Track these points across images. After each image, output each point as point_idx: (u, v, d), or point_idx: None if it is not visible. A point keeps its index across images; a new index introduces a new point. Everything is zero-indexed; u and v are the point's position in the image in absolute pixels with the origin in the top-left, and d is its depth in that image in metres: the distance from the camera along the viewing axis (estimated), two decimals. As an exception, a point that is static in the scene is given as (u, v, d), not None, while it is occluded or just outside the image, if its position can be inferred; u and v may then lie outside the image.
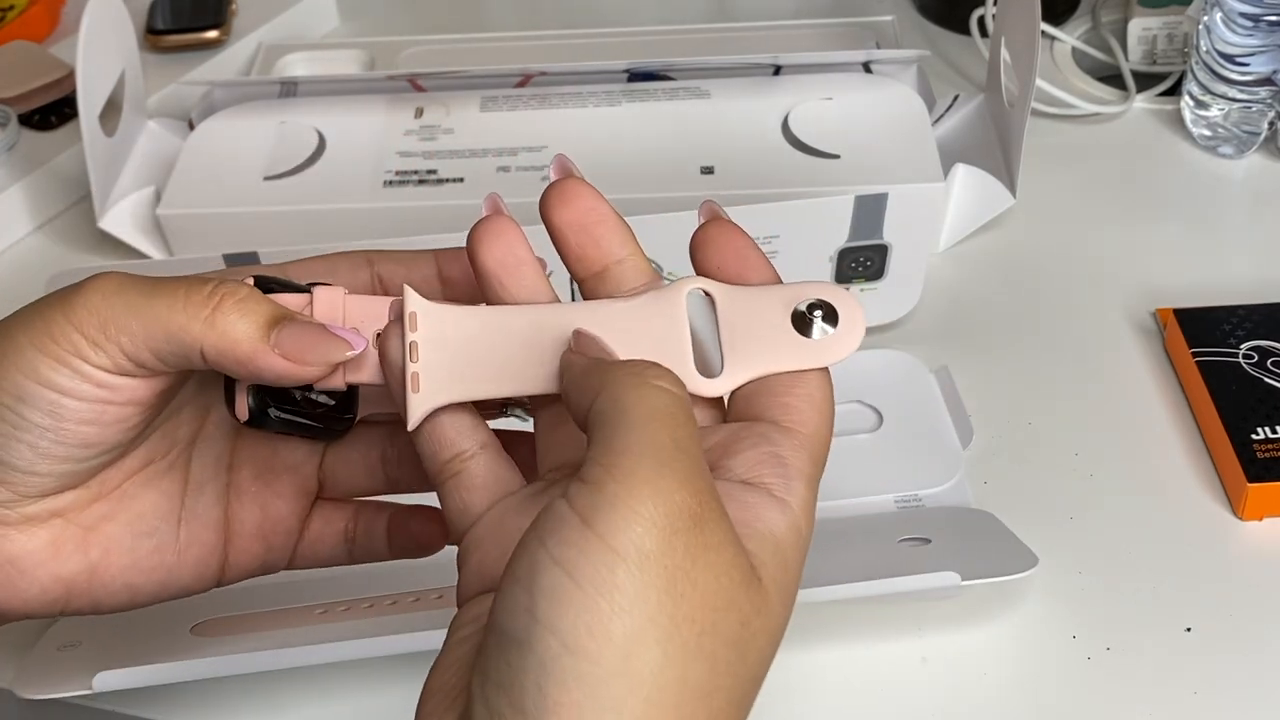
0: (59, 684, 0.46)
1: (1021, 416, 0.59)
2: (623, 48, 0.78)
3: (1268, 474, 0.53)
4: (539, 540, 0.29)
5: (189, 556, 0.40)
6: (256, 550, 0.41)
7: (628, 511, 0.28)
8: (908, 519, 0.53)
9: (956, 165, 0.65)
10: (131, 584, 0.40)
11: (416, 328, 0.35)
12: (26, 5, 0.83)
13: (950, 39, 0.81)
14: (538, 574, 0.28)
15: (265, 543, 0.41)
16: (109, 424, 0.37)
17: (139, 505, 0.40)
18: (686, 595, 0.29)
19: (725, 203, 0.58)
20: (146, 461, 0.40)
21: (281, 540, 0.42)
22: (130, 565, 0.40)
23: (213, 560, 0.41)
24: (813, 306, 0.34)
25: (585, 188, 0.37)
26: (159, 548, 0.40)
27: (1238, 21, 0.67)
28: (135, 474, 0.40)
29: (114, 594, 0.40)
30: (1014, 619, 0.51)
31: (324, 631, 0.48)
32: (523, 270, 0.37)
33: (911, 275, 0.60)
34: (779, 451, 0.33)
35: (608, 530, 0.28)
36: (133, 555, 0.40)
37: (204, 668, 0.45)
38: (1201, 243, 0.67)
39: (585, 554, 0.28)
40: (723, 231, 0.37)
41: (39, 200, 0.72)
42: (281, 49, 0.80)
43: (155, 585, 0.40)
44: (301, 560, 0.42)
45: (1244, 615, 0.51)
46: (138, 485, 0.40)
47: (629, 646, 0.28)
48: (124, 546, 0.39)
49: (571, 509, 0.29)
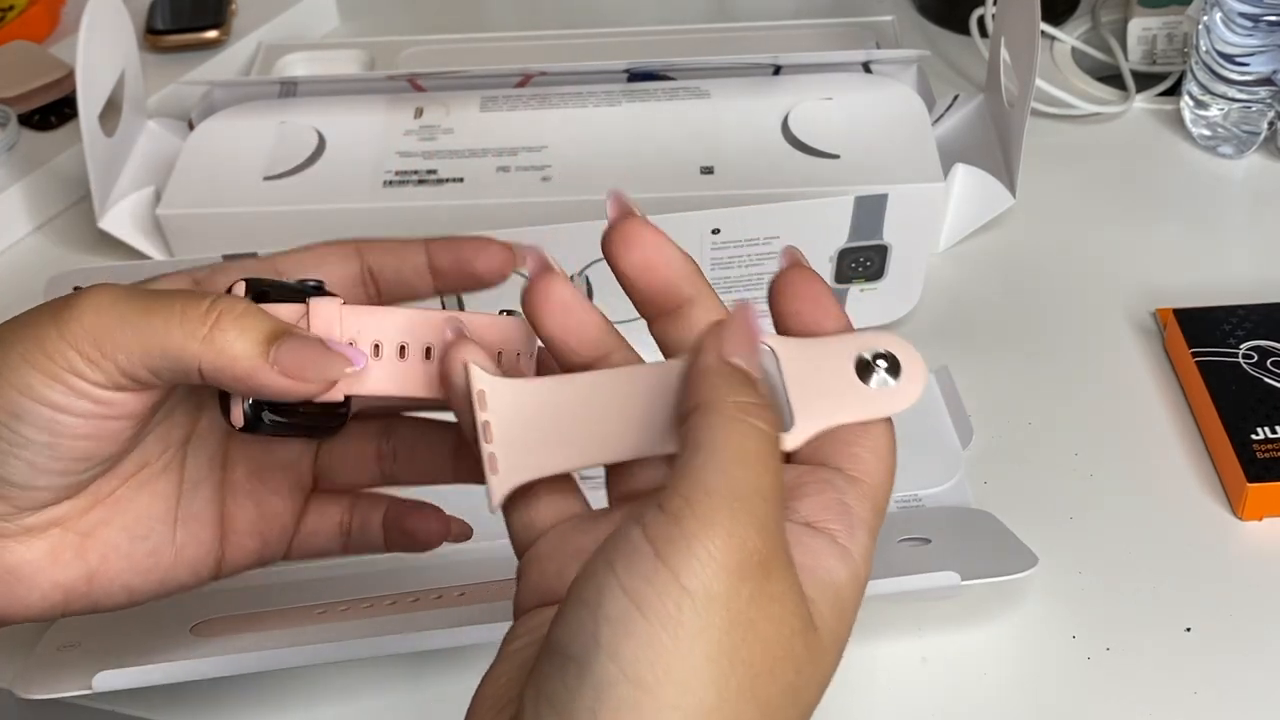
0: (59, 684, 0.46)
1: (1021, 416, 0.59)
2: (623, 48, 0.78)
3: (1268, 474, 0.53)
4: (609, 565, 0.29)
5: (185, 555, 0.41)
6: (252, 546, 0.42)
7: (702, 552, 0.28)
8: (908, 519, 0.53)
9: (956, 165, 0.65)
10: (129, 585, 0.40)
11: (486, 406, 0.35)
12: (26, 5, 0.83)
13: (950, 39, 0.81)
14: (605, 600, 0.29)
15: (261, 538, 0.42)
16: (105, 438, 0.37)
17: (135, 509, 0.40)
18: (747, 640, 0.29)
19: (725, 203, 0.59)
20: (141, 465, 0.40)
21: (277, 535, 0.42)
22: (128, 568, 0.40)
23: (208, 558, 0.41)
24: (877, 357, 0.34)
25: (647, 228, 0.36)
26: (155, 549, 0.40)
27: (1237, 21, 0.67)
28: (130, 478, 0.40)
29: (112, 595, 0.40)
30: (1014, 619, 0.51)
31: (324, 631, 0.48)
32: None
33: (911, 275, 0.60)
34: (845, 499, 0.33)
35: (680, 567, 0.28)
36: (130, 559, 0.40)
37: (204, 668, 0.45)
38: (1201, 243, 0.67)
39: (654, 586, 0.28)
40: (804, 279, 0.36)
41: (39, 200, 0.72)
42: (281, 49, 0.80)
43: (153, 584, 0.41)
44: (297, 553, 0.43)
45: (1244, 615, 0.51)
46: (133, 489, 0.40)
47: (686, 683, 0.28)
48: (121, 551, 0.40)
49: (645, 539, 0.29)
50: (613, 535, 0.30)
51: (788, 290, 0.36)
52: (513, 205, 0.64)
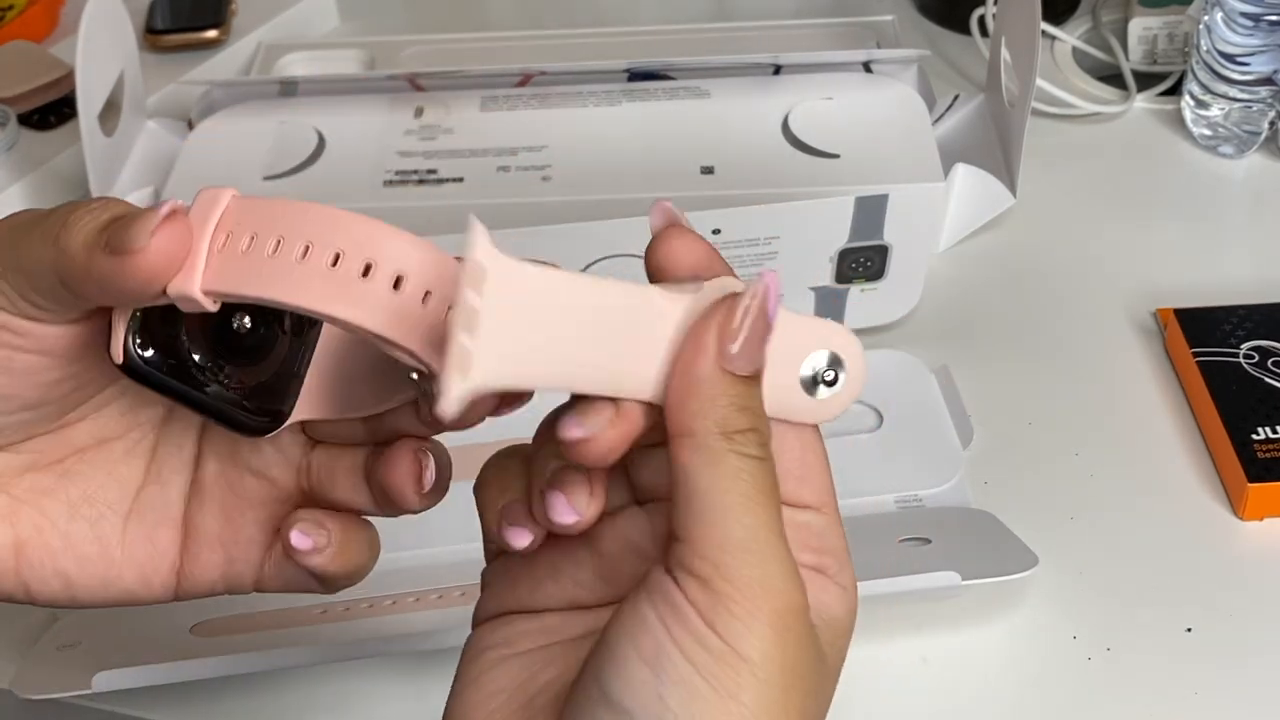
0: (59, 684, 0.46)
1: (1021, 416, 0.59)
2: (623, 48, 0.78)
3: (1268, 474, 0.53)
4: (662, 625, 0.29)
5: (134, 554, 0.37)
6: (215, 560, 0.37)
7: (748, 618, 0.29)
8: (908, 519, 0.53)
9: (956, 165, 0.65)
10: (64, 572, 0.36)
11: (482, 290, 0.28)
12: (26, 5, 0.83)
13: (950, 39, 0.81)
14: (666, 664, 0.29)
15: (224, 552, 0.37)
16: (20, 374, 0.34)
17: (84, 486, 0.37)
18: (795, 686, 0.30)
19: (725, 203, 0.59)
20: (99, 440, 0.37)
21: (243, 552, 0.37)
22: (63, 549, 0.36)
23: (162, 564, 0.37)
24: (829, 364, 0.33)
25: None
26: (100, 537, 0.37)
27: (1238, 21, 0.67)
28: (85, 451, 0.37)
29: (45, 580, 0.36)
30: (1014, 619, 0.51)
31: (324, 631, 0.48)
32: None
33: (912, 275, 0.60)
34: (824, 537, 0.33)
35: (732, 636, 0.29)
36: (67, 539, 0.36)
37: (204, 668, 0.45)
38: (1201, 243, 0.67)
39: (712, 655, 0.29)
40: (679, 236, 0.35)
41: (38, 200, 0.72)
42: (281, 49, 0.80)
43: (93, 580, 0.37)
44: (270, 579, 0.38)
45: (1244, 615, 0.51)
46: (86, 464, 0.37)
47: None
48: (59, 528, 0.36)
49: (689, 603, 0.29)
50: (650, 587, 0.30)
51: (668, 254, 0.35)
52: (513, 205, 0.64)
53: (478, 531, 0.55)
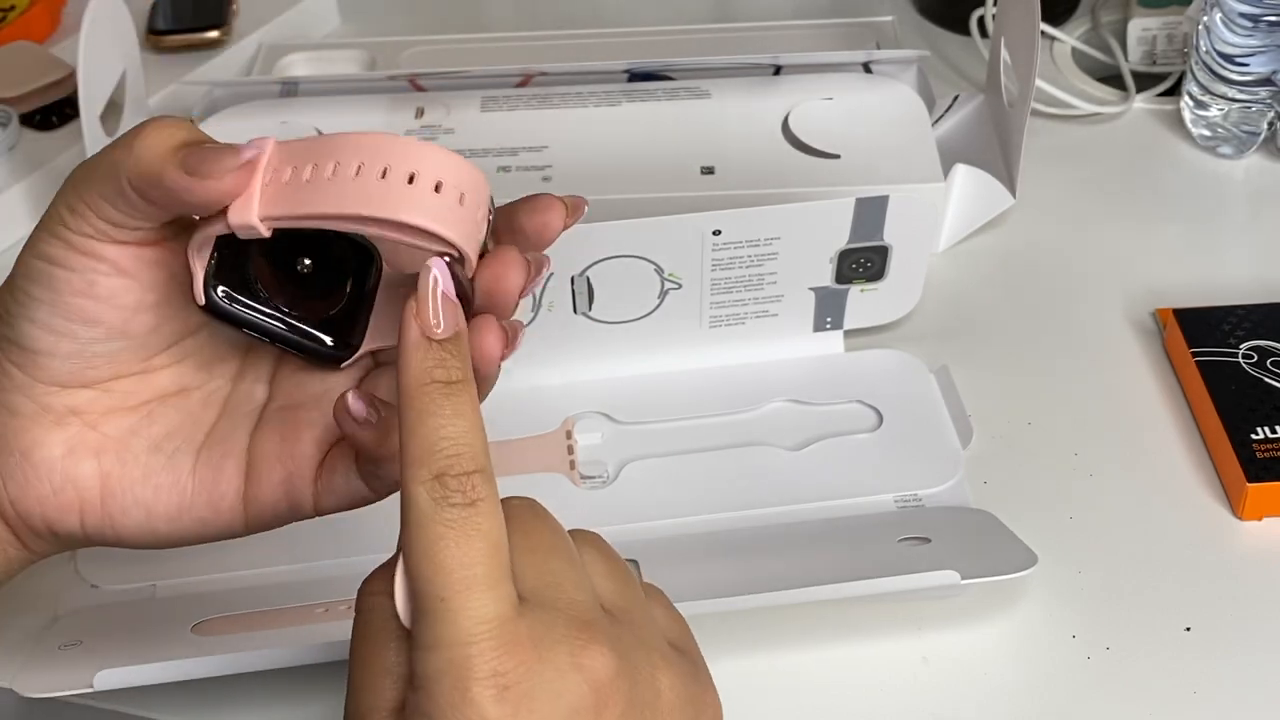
0: (60, 682, 0.46)
1: (1021, 416, 0.59)
2: (623, 48, 0.78)
3: (1267, 474, 0.53)
4: None
5: (204, 482, 0.40)
6: (275, 478, 0.40)
7: None
8: (907, 519, 0.53)
9: (956, 165, 0.65)
10: (144, 502, 0.40)
11: None
12: (27, 5, 0.83)
13: (950, 39, 0.81)
14: None
15: (283, 469, 0.40)
16: (104, 299, 0.38)
17: (165, 426, 0.41)
18: None
19: (725, 203, 0.59)
20: (179, 388, 0.41)
21: (300, 466, 0.40)
22: (142, 479, 0.40)
23: (229, 490, 0.41)
24: None
25: None
26: (174, 467, 0.40)
27: (1237, 22, 0.67)
28: (167, 397, 0.41)
29: (127, 510, 0.40)
30: (1014, 619, 0.51)
31: (325, 631, 0.48)
32: None
33: (912, 276, 0.60)
34: None
35: None
36: (146, 471, 0.40)
37: (204, 667, 0.45)
38: (1201, 243, 0.67)
39: None
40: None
41: (40, 200, 0.72)
42: (282, 49, 0.80)
43: (170, 508, 0.40)
44: (324, 493, 0.41)
45: (1244, 615, 0.51)
46: (168, 408, 0.41)
47: None
48: (140, 460, 0.40)
49: None
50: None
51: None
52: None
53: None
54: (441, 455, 0.33)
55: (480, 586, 0.32)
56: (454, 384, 0.34)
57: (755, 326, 0.60)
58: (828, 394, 0.59)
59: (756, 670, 0.49)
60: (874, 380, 0.60)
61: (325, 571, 0.53)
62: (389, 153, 0.35)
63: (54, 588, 0.52)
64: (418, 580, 0.33)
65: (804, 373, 0.60)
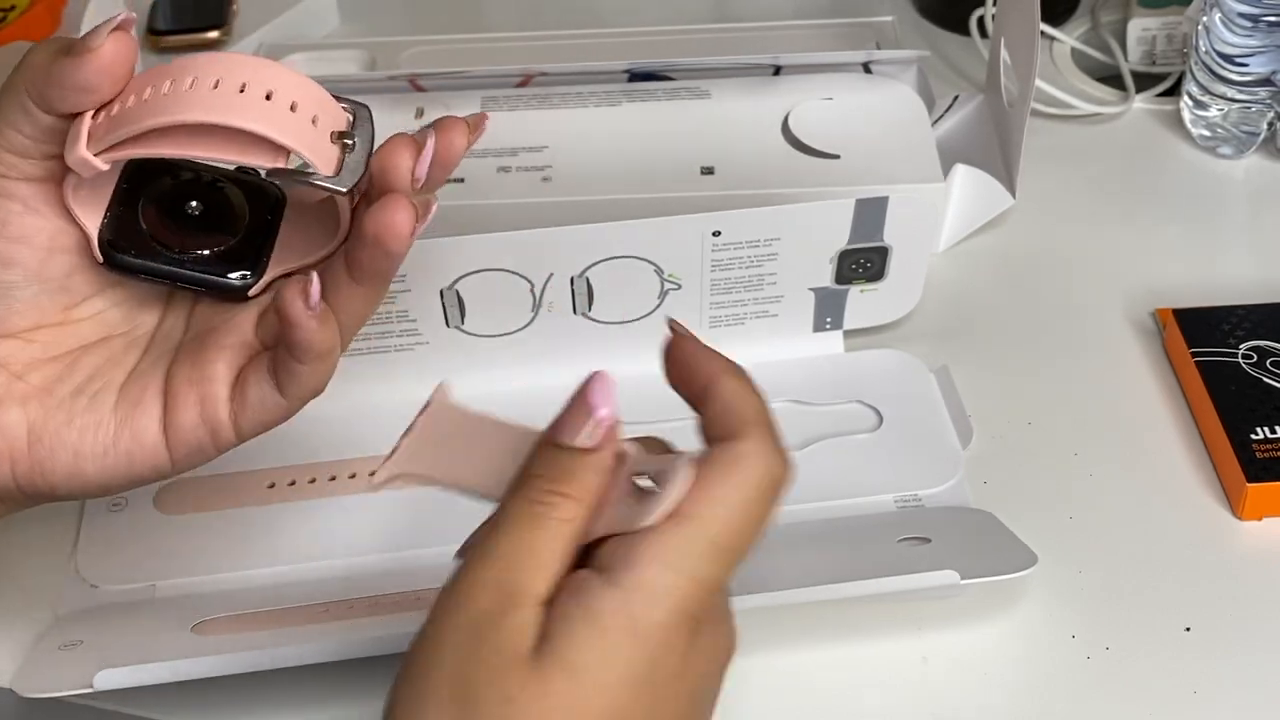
0: (60, 682, 0.46)
1: (1021, 416, 0.59)
2: (623, 48, 0.78)
3: (1267, 474, 0.53)
4: None
5: (126, 417, 0.41)
6: (190, 400, 0.42)
7: None
8: (907, 519, 0.53)
9: (956, 165, 0.65)
10: (70, 445, 0.41)
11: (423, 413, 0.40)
12: (28, 6, 0.83)
13: (950, 39, 0.81)
14: None
15: (197, 391, 0.42)
16: (15, 239, 0.40)
17: (89, 372, 0.42)
18: None
19: (725, 203, 0.59)
20: (102, 336, 0.42)
21: (214, 389, 0.42)
22: (67, 423, 0.41)
23: (150, 422, 0.42)
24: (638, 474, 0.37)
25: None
26: (97, 407, 0.41)
27: (1237, 22, 0.67)
28: (90, 346, 0.42)
29: (55, 455, 0.41)
30: (1014, 619, 0.51)
31: (325, 630, 0.48)
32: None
33: (912, 276, 0.60)
34: (633, 539, 0.35)
35: None
36: (70, 415, 0.41)
37: (204, 667, 0.45)
38: (1201, 243, 0.67)
39: None
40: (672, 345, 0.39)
41: (40, 200, 0.72)
42: (282, 49, 0.80)
43: (97, 448, 0.41)
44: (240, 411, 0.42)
45: (1244, 615, 0.51)
46: (92, 355, 0.42)
47: None
48: (64, 405, 0.41)
49: None
50: None
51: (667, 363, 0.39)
52: (513, 205, 0.64)
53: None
54: None
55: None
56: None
57: (755, 327, 0.60)
58: (828, 394, 0.59)
59: (756, 670, 0.49)
60: (874, 380, 0.60)
61: (326, 572, 0.53)
62: (225, 68, 0.38)
63: (54, 588, 0.52)
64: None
65: (804, 373, 0.60)
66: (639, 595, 0.34)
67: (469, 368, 0.58)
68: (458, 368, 0.58)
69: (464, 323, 0.58)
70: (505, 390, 0.52)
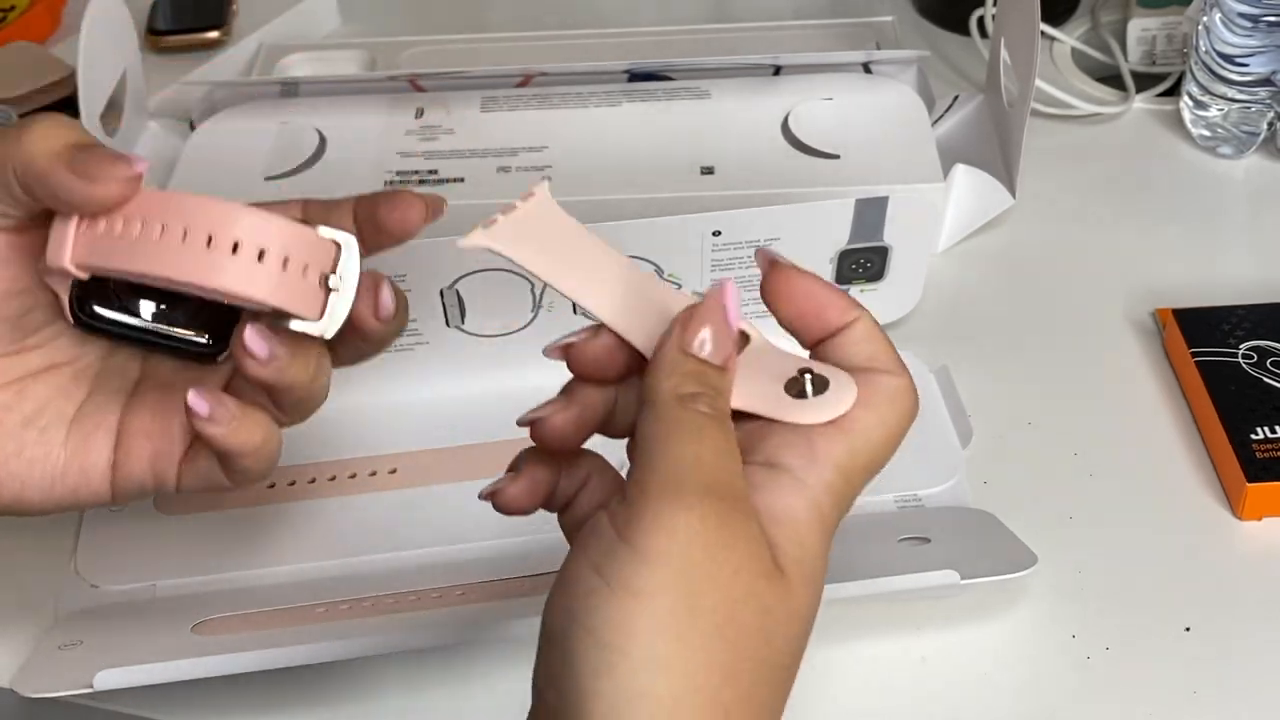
0: (60, 682, 0.46)
1: (1021, 416, 0.59)
2: (623, 48, 0.78)
3: (1267, 474, 0.53)
4: (582, 549, 0.33)
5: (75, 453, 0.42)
6: (144, 452, 0.42)
7: (652, 521, 0.32)
8: (907, 518, 0.53)
9: (956, 165, 0.65)
10: (17, 474, 0.41)
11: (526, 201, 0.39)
12: (28, 6, 0.83)
13: (950, 39, 0.81)
14: (577, 579, 0.32)
15: (152, 445, 0.42)
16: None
17: (37, 402, 0.42)
18: (704, 590, 0.32)
19: (725, 203, 0.59)
20: (51, 364, 0.42)
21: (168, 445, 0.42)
22: (15, 453, 0.41)
23: (99, 460, 0.42)
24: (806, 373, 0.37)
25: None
26: (46, 441, 0.41)
27: (1237, 22, 0.67)
28: (39, 374, 0.42)
29: (4, 488, 0.41)
30: (1014, 618, 0.51)
31: (324, 631, 0.48)
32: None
33: (912, 276, 0.60)
34: (810, 436, 0.35)
35: (635, 538, 0.32)
36: (19, 444, 0.41)
37: (204, 667, 0.45)
38: (1201, 243, 0.67)
39: (617, 560, 0.32)
40: (788, 280, 0.38)
41: (40, 200, 0.72)
42: (282, 49, 0.80)
43: (43, 479, 0.41)
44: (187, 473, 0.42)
45: (1243, 615, 0.51)
46: (40, 384, 0.42)
47: (653, 639, 0.31)
48: (14, 436, 0.41)
49: (610, 524, 0.33)
50: (585, 526, 0.34)
51: (779, 298, 0.38)
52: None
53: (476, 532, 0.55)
54: None
55: None
56: None
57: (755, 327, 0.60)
58: (828, 394, 0.59)
59: (756, 670, 0.49)
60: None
61: (325, 571, 0.53)
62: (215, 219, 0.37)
63: (54, 588, 0.52)
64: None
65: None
66: (825, 497, 0.35)
67: (469, 368, 0.58)
68: (458, 368, 0.58)
69: (464, 323, 0.58)
70: (506, 390, 0.52)
